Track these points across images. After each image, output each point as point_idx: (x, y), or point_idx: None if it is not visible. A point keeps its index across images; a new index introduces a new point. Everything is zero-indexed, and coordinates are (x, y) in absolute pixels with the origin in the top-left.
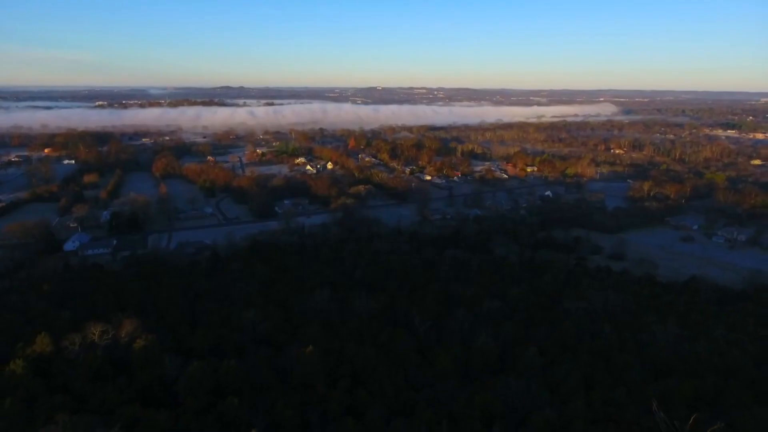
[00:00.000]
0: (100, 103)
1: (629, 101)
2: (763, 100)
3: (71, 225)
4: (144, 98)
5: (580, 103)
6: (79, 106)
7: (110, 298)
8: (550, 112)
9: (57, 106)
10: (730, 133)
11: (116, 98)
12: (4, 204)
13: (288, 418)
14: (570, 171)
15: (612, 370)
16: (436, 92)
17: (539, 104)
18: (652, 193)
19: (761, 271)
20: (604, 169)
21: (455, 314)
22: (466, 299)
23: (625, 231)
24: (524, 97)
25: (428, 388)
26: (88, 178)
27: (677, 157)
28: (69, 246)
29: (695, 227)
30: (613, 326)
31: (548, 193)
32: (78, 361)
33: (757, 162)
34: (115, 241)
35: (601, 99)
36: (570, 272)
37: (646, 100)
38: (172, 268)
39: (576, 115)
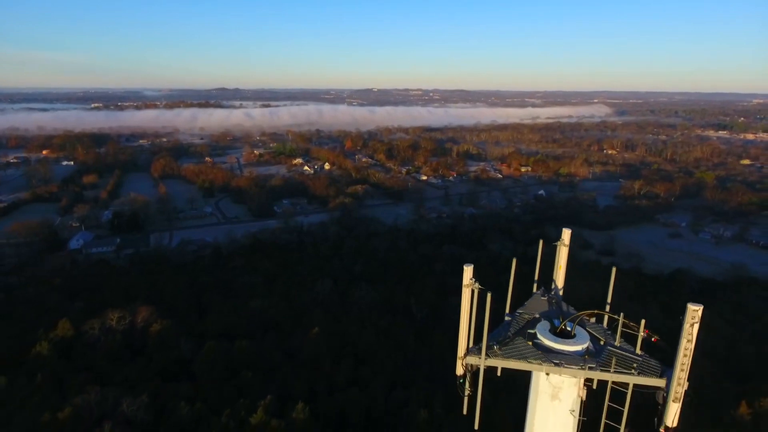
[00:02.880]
0: (96, 104)
1: (623, 102)
2: (756, 101)
3: (73, 224)
4: (139, 100)
5: (575, 104)
6: (74, 108)
7: (120, 291)
8: (545, 114)
9: (53, 108)
10: (722, 133)
11: (111, 100)
12: (5, 204)
13: (298, 389)
14: (563, 171)
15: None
16: (431, 94)
17: (534, 106)
18: (642, 192)
19: (743, 264)
20: (597, 169)
21: (451, 303)
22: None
23: (615, 228)
24: (519, 99)
25: (425, 365)
26: (88, 179)
27: (669, 157)
28: (73, 244)
29: (684, 224)
30: None
31: (542, 192)
32: (98, 344)
33: (747, 162)
34: (118, 240)
35: (596, 100)
36: None
37: (640, 101)
38: (176, 264)
39: (570, 117)
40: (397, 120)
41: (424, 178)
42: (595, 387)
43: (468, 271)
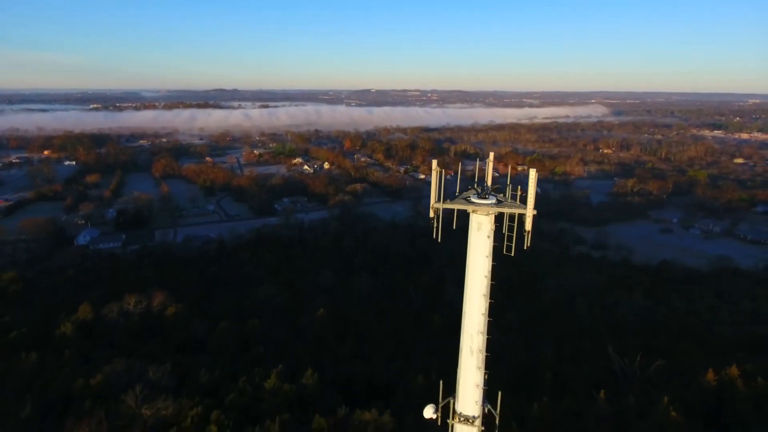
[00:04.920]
0: (95, 105)
1: (620, 103)
2: (751, 101)
3: (79, 222)
4: (138, 101)
5: (572, 104)
6: (74, 109)
7: (131, 281)
8: (542, 114)
9: (52, 109)
10: (717, 133)
11: (110, 101)
12: (10, 203)
13: (306, 361)
14: (559, 170)
15: (580, 330)
16: (429, 94)
17: (531, 106)
18: (635, 189)
19: (728, 256)
20: (592, 168)
21: (449, 291)
22: (457, 278)
23: (608, 224)
24: (517, 99)
25: (423, 343)
26: (90, 179)
27: (663, 156)
28: (81, 240)
29: (675, 220)
30: (585, 298)
31: (537, 190)
32: (118, 325)
33: (740, 161)
34: (123, 236)
35: (593, 101)
36: (552, 257)
37: (637, 101)
38: (183, 258)
39: (567, 117)
40: (396, 120)
41: (422, 176)
42: (503, 231)
43: (434, 162)
